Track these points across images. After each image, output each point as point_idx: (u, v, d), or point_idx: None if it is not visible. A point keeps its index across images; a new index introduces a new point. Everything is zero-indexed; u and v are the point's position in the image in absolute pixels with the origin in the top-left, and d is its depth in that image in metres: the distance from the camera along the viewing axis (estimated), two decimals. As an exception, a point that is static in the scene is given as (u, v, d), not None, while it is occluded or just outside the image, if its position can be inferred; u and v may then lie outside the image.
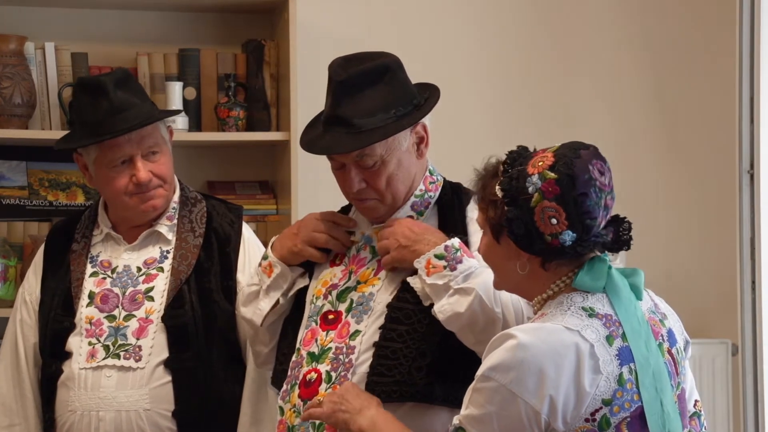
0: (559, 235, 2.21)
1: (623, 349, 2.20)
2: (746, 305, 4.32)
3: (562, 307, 2.23)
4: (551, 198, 2.21)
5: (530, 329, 2.19)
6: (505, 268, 2.31)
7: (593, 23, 4.47)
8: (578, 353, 2.16)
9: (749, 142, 4.32)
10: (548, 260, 2.26)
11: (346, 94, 2.63)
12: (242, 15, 4.15)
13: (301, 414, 2.55)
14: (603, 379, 2.17)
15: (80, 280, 3.09)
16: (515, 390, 2.13)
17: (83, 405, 2.99)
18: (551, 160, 2.23)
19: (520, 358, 2.14)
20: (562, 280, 2.27)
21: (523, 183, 2.23)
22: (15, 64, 3.84)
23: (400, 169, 2.67)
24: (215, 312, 3.05)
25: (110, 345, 3.00)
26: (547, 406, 2.14)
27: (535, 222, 2.22)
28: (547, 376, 2.13)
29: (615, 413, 2.17)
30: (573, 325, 2.19)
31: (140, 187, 3.03)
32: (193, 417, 3.00)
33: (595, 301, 2.24)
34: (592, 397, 2.16)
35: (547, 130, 4.35)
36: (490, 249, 2.33)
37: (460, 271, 2.53)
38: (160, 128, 3.10)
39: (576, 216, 2.21)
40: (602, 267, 2.26)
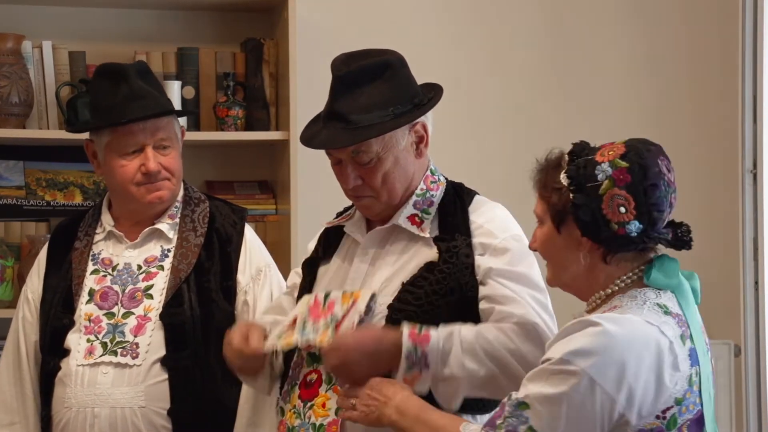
0: (626, 225, 2.22)
1: (692, 351, 2.20)
2: (749, 306, 4.31)
3: (636, 301, 2.22)
4: (622, 186, 2.21)
5: (613, 318, 2.16)
6: (565, 260, 2.30)
7: (595, 23, 4.47)
8: (659, 347, 2.15)
9: (752, 142, 4.31)
10: (611, 251, 2.25)
11: (345, 90, 2.62)
12: (241, 14, 4.14)
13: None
14: (680, 377, 2.17)
15: (81, 277, 3.09)
16: (596, 377, 2.11)
17: (79, 401, 2.98)
18: (622, 149, 2.25)
19: (604, 344, 2.12)
20: (630, 275, 2.27)
21: (591, 170, 2.23)
22: (12, 63, 3.83)
23: (397, 168, 2.65)
24: (214, 311, 3.05)
25: (108, 342, 3.00)
26: (624, 397, 2.12)
27: (602, 209, 2.22)
28: (629, 366, 2.12)
29: (682, 413, 2.17)
30: (653, 320, 2.18)
31: (149, 177, 3.04)
32: (189, 416, 2.98)
33: (667, 299, 2.24)
34: (669, 393, 2.15)
35: (547, 130, 4.34)
36: (549, 239, 2.31)
37: (434, 362, 2.48)
38: (174, 124, 3.12)
39: (645, 206, 2.22)
40: (675, 266, 2.27)
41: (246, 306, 3.09)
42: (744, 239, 4.33)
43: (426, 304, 2.57)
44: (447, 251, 2.61)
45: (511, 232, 2.66)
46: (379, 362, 2.49)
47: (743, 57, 4.31)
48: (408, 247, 2.68)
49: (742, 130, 4.32)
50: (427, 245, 2.66)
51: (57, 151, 4.00)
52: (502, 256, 2.61)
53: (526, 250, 2.59)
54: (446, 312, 2.57)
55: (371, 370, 2.48)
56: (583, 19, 4.46)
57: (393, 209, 2.70)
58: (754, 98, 4.30)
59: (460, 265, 2.59)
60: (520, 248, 2.61)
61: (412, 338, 2.48)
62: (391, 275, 2.65)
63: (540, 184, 2.32)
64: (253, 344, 2.66)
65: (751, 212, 4.33)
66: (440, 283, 2.58)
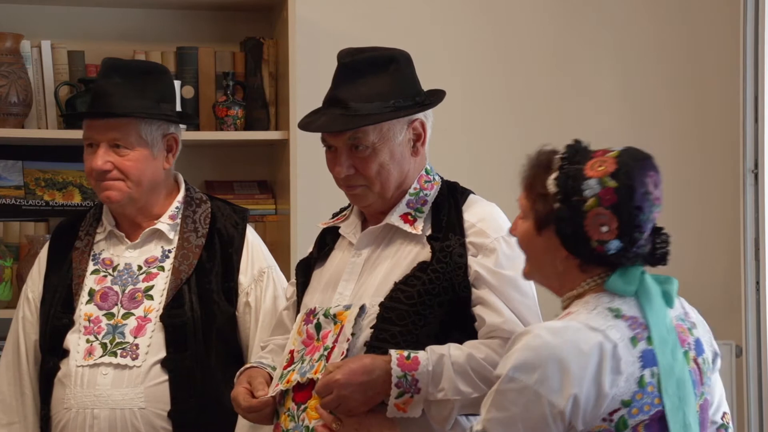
0: (606, 243, 2.21)
1: (647, 352, 2.19)
2: (750, 306, 4.30)
3: (588, 306, 2.22)
4: (607, 206, 2.20)
5: (554, 328, 2.17)
6: (541, 260, 2.30)
7: (596, 23, 4.46)
8: (601, 352, 2.14)
9: (753, 142, 4.30)
10: (587, 263, 2.25)
11: (348, 78, 2.64)
12: (241, 13, 4.13)
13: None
14: (623, 379, 2.15)
15: (81, 277, 3.09)
16: (540, 390, 2.11)
17: (78, 402, 2.98)
18: (613, 166, 2.22)
19: (543, 356, 2.12)
20: (593, 279, 2.26)
21: (579, 184, 2.22)
22: (11, 63, 3.82)
23: (392, 161, 2.65)
24: (215, 312, 3.04)
25: (108, 343, 3.00)
26: (570, 405, 2.12)
27: (584, 225, 2.21)
28: (571, 374, 2.11)
29: (633, 415, 2.15)
30: (597, 325, 2.17)
31: (97, 174, 3.04)
32: (189, 418, 2.98)
33: (623, 303, 2.23)
34: (611, 398, 2.14)
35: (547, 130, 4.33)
36: (529, 237, 2.31)
37: (425, 385, 2.48)
38: (141, 128, 3.06)
39: (627, 228, 2.21)
40: (635, 272, 2.25)
41: (248, 307, 3.08)
42: (745, 239, 4.31)
43: (418, 304, 2.56)
44: (441, 251, 2.60)
45: (504, 232, 2.64)
46: (371, 392, 2.49)
47: (744, 56, 4.30)
48: (402, 246, 2.68)
49: (743, 129, 4.31)
50: (421, 244, 2.65)
51: (56, 151, 3.99)
52: (494, 257, 2.61)
53: (518, 251, 2.58)
54: (438, 312, 2.57)
55: (364, 401, 2.49)
56: (584, 20, 4.45)
57: (385, 205, 2.70)
58: (755, 98, 4.29)
59: (453, 265, 2.59)
60: (512, 250, 2.60)
61: (401, 365, 2.48)
62: (385, 275, 2.64)
63: (528, 182, 2.31)
64: (259, 395, 2.68)
65: (752, 212, 4.32)
66: (433, 283, 2.58)
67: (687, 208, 4.51)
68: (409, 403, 2.48)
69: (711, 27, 4.49)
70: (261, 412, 2.68)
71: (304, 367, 2.59)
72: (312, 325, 2.65)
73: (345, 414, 2.50)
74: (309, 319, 2.66)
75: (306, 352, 2.63)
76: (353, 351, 2.57)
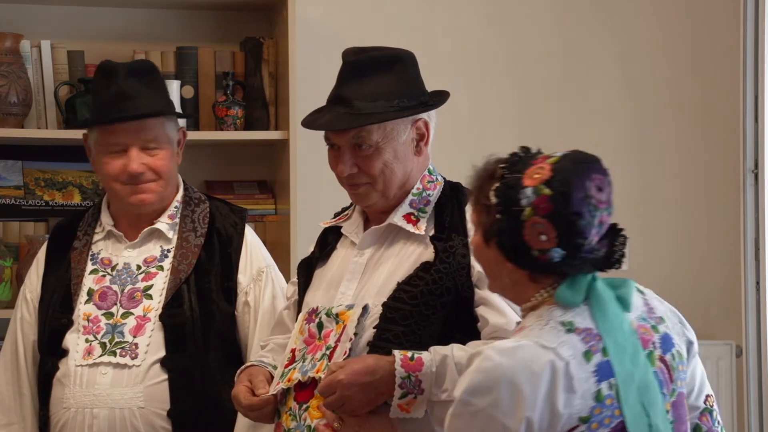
0: (547, 252, 2.16)
1: (602, 365, 2.13)
2: (750, 306, 4.30)
3: (540, 321, 2.17)
4: (543, 215, 2.14)
5: (504, 349, 2.11)
6: (493, 272, 2.26)
7: (597, 24, 4.46)
8: (553, 372, 2.09)
9: (753, 141, 4.30)
10: (535, 273, 2.20)
11: (353, 77, 2.63)
12: (240, 13, 4.13)
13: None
14: (578, 397, 2.10)
15: (80, 277, 3.08)
16: (494, 413, 2.07)
17: (77, 402, 2.97)
18: (548, 173, 2.16)
19: (494, 378, 2.08)
20: (546, 290, 2.21)
21: (516, 194, 2.16)
22: (10, 63, 3.82)
23: (396, 161, 2.65)
24: (214, 312, 3.04)
25: (107, 342, 2.99)
26: (524, 428, 2.08)
27: (523, 236, 2.16)
28: (523, 396, 2.07)
29: (593, 429, 2.11)
30: (548, 342, 2.12)
31: (132, 178, 3.02)
32: (189, 417, 2.97)
33: (575, 314, 2.17)
34: (567, 416, 2.09)
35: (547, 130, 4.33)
36: (479, 250, 2.27)
37: (429, 386, 2.47)
38: (166, 126, 3.09)
39: (567, 235, 2.14)
40: (582, 281, 2.19)
41: (247, 307, 3.08)
42: (745, 239, 4.32)
43: (421, 304, 2.56)
44: (444, 251, 2.59)
45: None
46: (374, 393, 2.48)
47: (744, 56, 4.30)
48: (405, 246, 2.67)
49: (744, 129, 4.31)
50: (424, 245, 2.65)
51: (55, 151, 3.99)
52: None
53: None
54: (441, 312, 2.56)
55: (367, 402, 2.48)
56: (587, 22, 4.45)
57: (388, 205, 2.70)
58: (756, 98, 4.29)
59: (457, 265, 2.58)
60: None
61: (405, 366, 2.47)
62: (388, 275, 2.64)
63: (473, 194, 2.26)
64: (260, 393, 2.67)
65: (752, 212, 4.32)
66: (436, 283, 2.57)
67: (687, 208, 4.50)
68: (412, 403, 2.47)
69: (711, 27, 4.49)
70: (262, 411, 2.67)
71: (305, 365, 2.59)
72: (314, 324, 2.64)
73: (347, 414, 2.49)
74: (311, 318, 2.66)
75: (308, 351, 2.62)
76: (356, 351, 2.57)
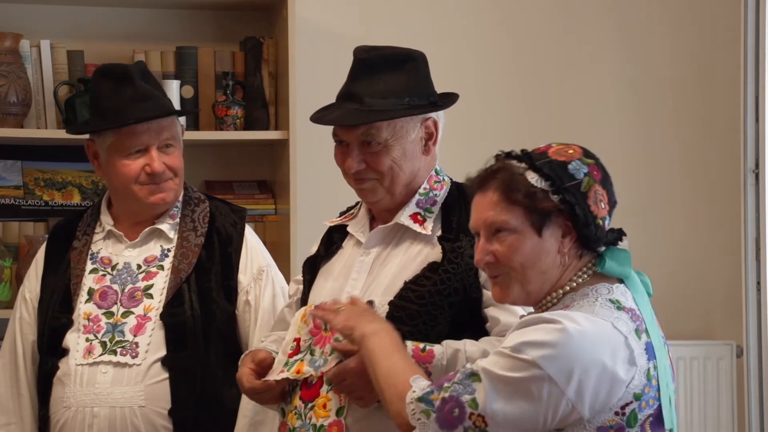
0: (604, 219, 2.23)
1: (649, 345, 2.18)
2: (751, 307, 4.30)
3: (588, 298, 2.20)
4: (599, 181, 2.22)
5: (567, 315, 2.13)
6: (537, 266, 2.24)
7: (598, 24, 4.45)
8: (613, 343, 2.13)
9: (754, 141, 4.30)
10: (589, 247, 2.24)
11: (364, 74, 2.64)
12: (240, 12, 4.13)
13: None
14: (637, 371, 2.14)
15: (80, 277, 3.08)
16: (546, 368, 2.09)
17: (78, 401, 2.97)
18: (579, 149, 2.25)
19: (558, 340, 2.10)
20: (583, 272, 2.24)
21: (563, 170, 2.21)
22: (10, 62, 3.81)
23: (404, 158, 2.65)
24: (214, 311, 3.04)
25: (107, 341, 2.99)
26: (574, 390, 2.09)
27: (589, 206, 2.21)
28: (581, 361, 2.09)
29: (642, 409, 2.15)
30: (605, 316, 2.16)
31: (153, 177, 3.04)
32: (190, 416, 2.97)
33: (620, 294, 2.22)
34: (626, 388, 2.13)
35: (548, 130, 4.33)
36: (527, 246, 2.23)
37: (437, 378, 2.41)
38: (176, 124, 3.12)
39: (611, 200, 2.25)
40: (626, 255, 2.25)
41: (248, 306, 3.08)
42: (746, 239, 4.31)
43: (429, 304, 2.55)
44: (452, 251, 2.59)
45: None
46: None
47: (745, 56, 4.30)
48: (411, 246, 2.67)
49: (744, 129, 4.31)
50: (430, 245, 2.65)
51: (55, 151, 3.99)
52: None
53: None
54: (449, 312, 2.56)
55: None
56: (588, 21, 4.45)
57: (393, 204, 2.70)
58: (756, 98, 4.29)
59: (465, 266, 2.58)
60: None
61: (416, 357, 2.47)
62: (395, 274, 2.63)
63: (503, 193, 2.23)
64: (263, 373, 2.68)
65: (753, 212, 4.31)
66: (444, 284, 2.57)
67: (688, 208, 4.50)
68: None
69: (712, 27, 4.49)
70: (265, 394, 2.66)
71: (316, 359, 2.57)
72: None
73: (356, 400, 2.49)
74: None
75: (314, 342, 2.61)
76: None
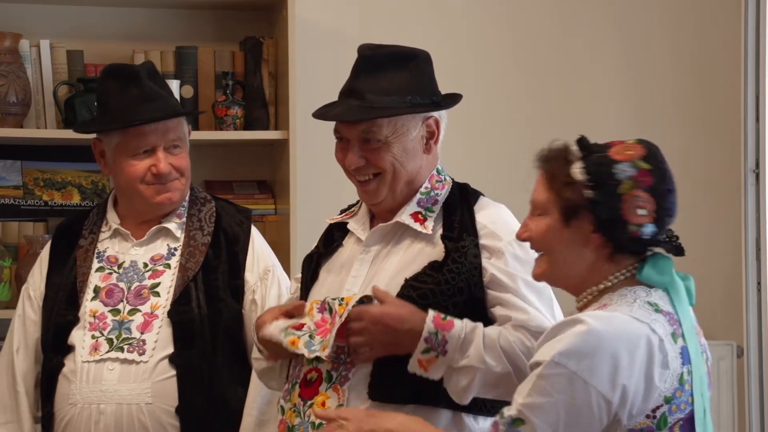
0: (642, 227, 2.20)
1: (684, 349, 2.17)
2: (751, 307, 4.30)
3: (626, 299, 2.19)
4: (645, 188, 2.20)
5: (601, 316, 2.13)
6: (567, 254, 2.25)
7: (599, 24, 4.46)
8: (649, 345, 2.12)
9: (754, 141, 4.30)
10: (620, 251, 2.22)
11: (367, 71, 2.65)
12: (240, 12, 4.12)
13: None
14: (670, 375, 2.13)
15: (86, 275, 3.09)
16: (588, 379, 2.08)
17: (84, 398, 2.96)
18: (643, 151, 2.23)
19: (593, 345, 2.08)
20: (623, 272, 2.24)
21: (609, 168, 2.20)
22: (10, 62, 3.81)
23: (405, 156, 2.65)
24: (221, 310, 3.05)
25: (114, 338, 2.99)
26: (618, 396, 2.09)
27: (621, 209, 2.19)
28: (621, 364, 2.08)
29: (673, 413, 2.14)
30: (642, 317, 2.15)
31: (159, 178, 3.05)
32: (196, 414, 2.97)
33: (658, 297, 2.21)
34: (659, 391, 2.12)
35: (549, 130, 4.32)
36: (553, 232, 2.26)
37: (453, 349, 2.48)
38: (183, 124, 3.13)
39: (662, 210, 2.21)
40: (668, 263, 2.24)
41: (254, 305, 3.09)
42: (746, 239, 4.31)
43: (433, 304, 2.54)
44: (456, 251, 2.59)
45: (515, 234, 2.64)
46: (395, 340, 2.49)
47: (746, 56, 4.30)
48: (411, 245, 2.67)
49: (745, 129, 4.31)
50: (431, 243, 2.65)
51: (55, 151, 3.98)
52: (509, 261, 2.60)
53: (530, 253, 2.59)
54: (453, 312, 2.54)
55: (385, 345, 2.50)
56: (588, 20, 4.45)
57: (395, 203, 2.70)
58: (757, 97, 4.29)
59: (469, 265, 2.58)
60: (525, 252, 2.59)
61: (436, 322, 2.49)
62: (395, 272, 2.63)
63: (548, 176, 2.27)
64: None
65: (753, 212, 4.31)
66: (448, 283, 2.56)
67: (688, 208, 4.48)
68: (432, 362, 2.48)
69: (712, 27, 4.49)
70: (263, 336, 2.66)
71: (313, 344, 2.57)
72: (326, 311, 2.63)
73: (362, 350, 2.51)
74: (323, 307, 2.65)
75: (317, 332, 2.61)
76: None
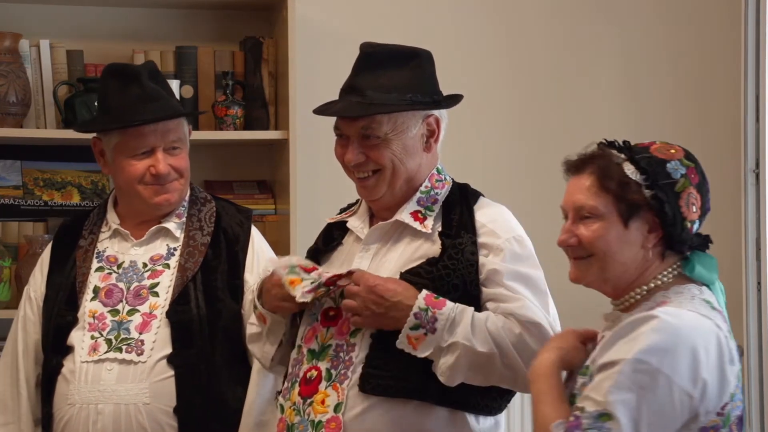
0: (693, 223, 2.24)
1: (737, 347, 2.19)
2: (751, 307, 4.29)
3: (683, 296, 2.20)
4: (695, 185, 2.24)
5: (673, 312, 2.13)
6: (620, 255, 2.25)
7: (599, 24, 4.45)
8: (719, 340, 2.13)
9: (754, 141, 4.29)
10: (672, 248, 2.24)
11: (368, 68, 2.66)
12: (240, 12, 4.13)
13: None
14: (736, 371, 2.14)
15: (86, 275, 3.09)
16: (672, 375, 2.07)
17: (82, 398, 2.96)
18: (681, 150, 2.27)
19: (673, 340, 2.08)
20: (671, 270, 2.25)
21: (662, 167, 2.22)
22: (9, 62, 3.81)
23: (405, 154, 2.66)
24: (220, 310, 3.05)
25: (113, 339, 2.99)
26: (699, 391, 2.09)
27: (680, 206, 2.22)
28: (700, 359, 2.09)
29: (734, 410, 2.14)
30: (706, 314, 2.16)
31: (158, 178, 3.05)
32: (195, 414, 2.97)
33: (709, 296, 2.23)
34: (730, 388, 2.12)
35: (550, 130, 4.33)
36: (610, 234, 2.24)
37: (441, 328, 2.50)
38: (183, 125, 3.12)
39: (705, 208, 2.27)
40: (713, 261, 2.28)
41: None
42: (746, 239, 4.30)
43: None
44: (452, 247, 2.60)
45: (515, 233, 2.66)
46: (387, 311, 2.52)
47: (746, 56, 4.30)
48: (411, 243, 2.68)
49: (745, 129, 4.30)
50: (430, 241, 2.65)
51: (55, 151, 3.98)
52: (506, 257, 2.60)
53: (529, 252, 2.60)
54: None
55: (375, 317, 2.53)
56: (586, 20, 4.45)
57: (394, 201, 2.70)
58: (757, 97, 4.28)
59: (465, 262, 2.59)
60: (523, 249, 2.62)
61: (428, 300, 2.51)
62: (394, 270, 2.64)
63: (598, 179, 2.25)
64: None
65: (753, 212, 4.31)
66: (443, 279, 2.57)
67: (688, 209, 4.49)
68: (421, 340, 2.50)
69: (712, 27, 4.49)
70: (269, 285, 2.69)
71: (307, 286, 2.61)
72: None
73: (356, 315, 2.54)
74: None
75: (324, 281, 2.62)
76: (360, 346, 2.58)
